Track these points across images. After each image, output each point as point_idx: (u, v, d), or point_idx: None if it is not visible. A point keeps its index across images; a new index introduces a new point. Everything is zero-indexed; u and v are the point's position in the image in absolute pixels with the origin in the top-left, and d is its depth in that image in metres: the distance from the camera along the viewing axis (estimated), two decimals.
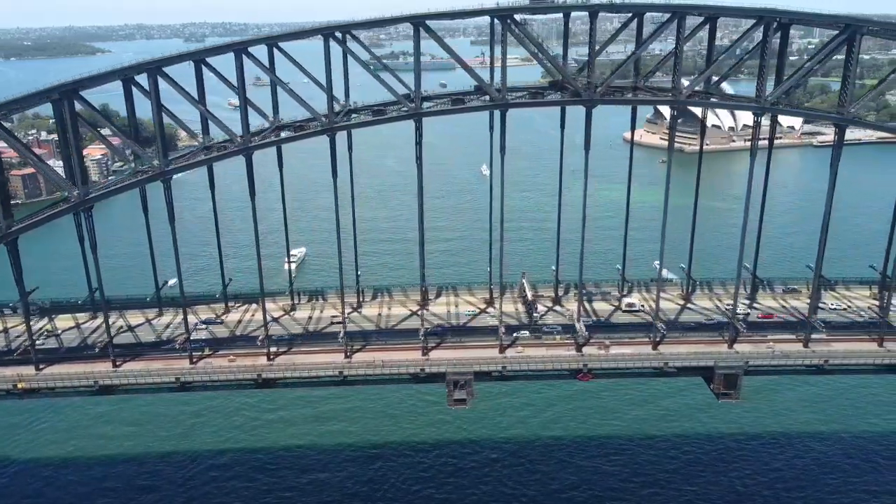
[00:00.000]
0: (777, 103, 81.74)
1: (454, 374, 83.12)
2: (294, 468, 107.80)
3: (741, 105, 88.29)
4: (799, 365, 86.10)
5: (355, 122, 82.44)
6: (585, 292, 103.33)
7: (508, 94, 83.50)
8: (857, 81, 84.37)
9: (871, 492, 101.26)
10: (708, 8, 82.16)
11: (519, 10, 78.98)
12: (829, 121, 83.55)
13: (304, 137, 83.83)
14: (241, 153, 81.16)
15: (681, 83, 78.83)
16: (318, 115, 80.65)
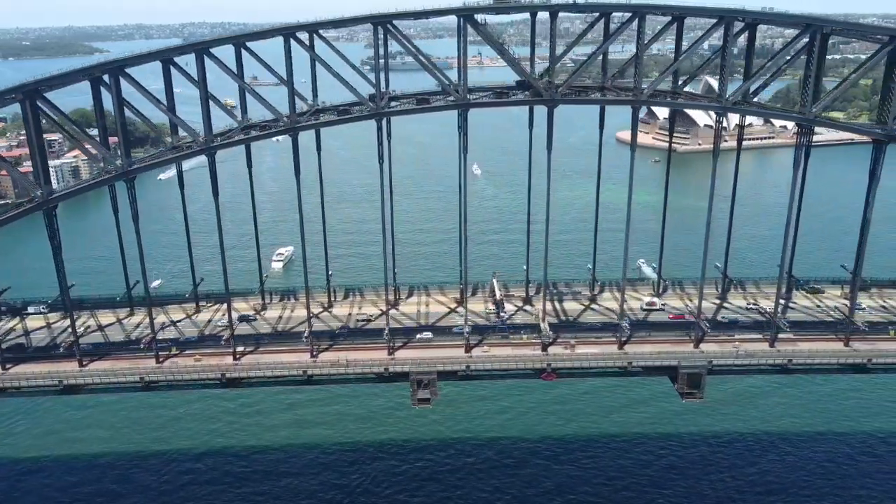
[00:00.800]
0: (740, 103, 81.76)
1: (418, 373, 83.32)
2: (270, 472, 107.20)
3: (701, 105, 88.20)
4: (763, 364, 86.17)
5: (318, 122, 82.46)
6: (556, 292, 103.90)
7: (472, 94, 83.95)
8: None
9: (853, 493, 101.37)
10: (671, 8, 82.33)
11: (480, 10, 79.09)
12: (791, 121, 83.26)
13: (268, 137, 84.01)
14: (203, 153, 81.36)
15: (641, 83, 78.97)
16: (280, 114, 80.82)
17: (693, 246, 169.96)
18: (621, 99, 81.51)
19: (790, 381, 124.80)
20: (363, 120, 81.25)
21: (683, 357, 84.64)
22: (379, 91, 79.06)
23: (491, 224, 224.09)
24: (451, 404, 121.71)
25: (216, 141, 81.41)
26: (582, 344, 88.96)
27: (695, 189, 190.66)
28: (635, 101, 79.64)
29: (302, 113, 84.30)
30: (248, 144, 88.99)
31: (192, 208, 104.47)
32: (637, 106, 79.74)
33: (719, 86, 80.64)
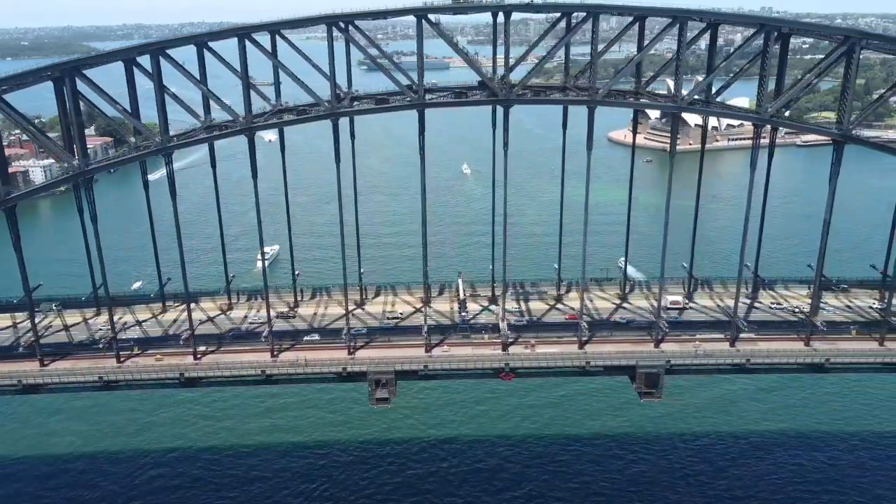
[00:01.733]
0: (696, 102, 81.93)
1: (376, 372, 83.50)
2: (241, 478, 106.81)
3: (657, 105, 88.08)
4: (722, 364, 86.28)
5: (277, 122, 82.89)
6: (522, 292, 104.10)
7: (432, 94, 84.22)
8: None
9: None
10: (629, 8, 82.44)
11: (436, 10, 79.32)
12: (749, 121, 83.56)
13: (307, 121, 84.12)
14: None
15: (595, 83, 79.16)
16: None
17: (676, 245, 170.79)
18: (577, 99, 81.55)
19: (768, 385, 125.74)
20: (320, 119, 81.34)
21: (641, 357, 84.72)
22: (334, 91, 79.21)
23: (478, 225, 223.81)
24: (428, 409, 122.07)
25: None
26: (543, 344, 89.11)
27: (683, 188, 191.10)
28: (590, 102, 79.70)
29: (261, 114, 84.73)
30: (212, 144, 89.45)
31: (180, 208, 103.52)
32: (592, 106, 79.71)
33: (675, 85, 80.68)
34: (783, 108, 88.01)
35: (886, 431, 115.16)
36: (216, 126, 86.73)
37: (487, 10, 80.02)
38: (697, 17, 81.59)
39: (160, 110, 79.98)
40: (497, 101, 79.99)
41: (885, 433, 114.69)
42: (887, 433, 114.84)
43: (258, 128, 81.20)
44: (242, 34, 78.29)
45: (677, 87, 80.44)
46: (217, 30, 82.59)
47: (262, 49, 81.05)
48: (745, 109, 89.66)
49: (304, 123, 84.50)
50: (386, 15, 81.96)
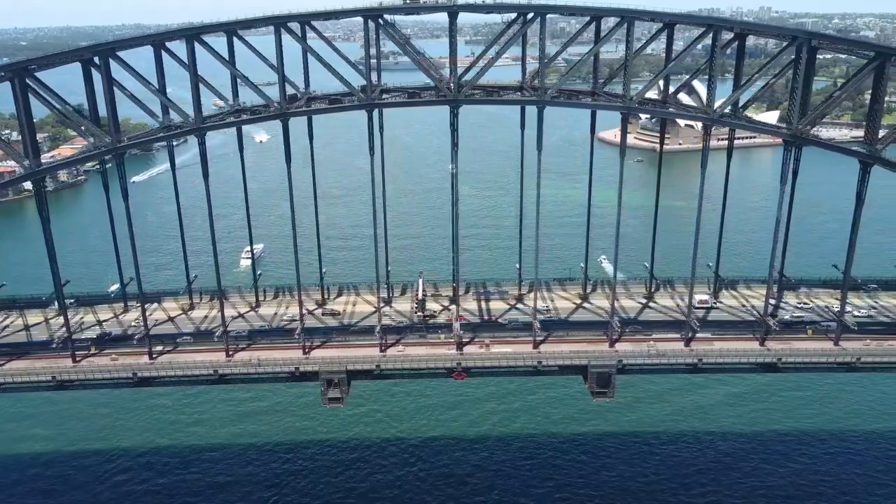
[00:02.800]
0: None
1: (327, 372, 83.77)
2: (207, 480, 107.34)
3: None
4: (675, 364, 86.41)
5: (224, 123, 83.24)
6: (483, 291, 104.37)
7: (384, 95, 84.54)
8: None
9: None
10: (580, 9, 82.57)
11: (389, 11, 79.49)
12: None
13: (258, 121, 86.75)
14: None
15: (543, 84, 79.41)
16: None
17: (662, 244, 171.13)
18: (529, 99, 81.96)
19: (748, 389, 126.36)
20: (269, 120, 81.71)
21: (593, 357, 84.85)
22: (283, 92, 79.49)
23: (465, 228, 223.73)
24: (400, 414, 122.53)
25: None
26: (498, 343, 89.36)
27: (671, 188, 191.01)
28: (540, 102, 80.00)
29: (215, 114, 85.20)
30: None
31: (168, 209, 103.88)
32: (542, 106, 79.98)
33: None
34: (738, 108, 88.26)
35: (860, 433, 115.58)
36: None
37: (440, 11, 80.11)
38: (649, 17, 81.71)
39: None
40: (446, 102, 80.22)
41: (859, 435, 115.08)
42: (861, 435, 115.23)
43: (208, 128, 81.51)
44: (191, 35, 78.38)
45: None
46: (167, 31, 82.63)
47: (211, 50, 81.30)
48: (695, 108, 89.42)
49: (257, 122, 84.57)
50: (338, 15, 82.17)
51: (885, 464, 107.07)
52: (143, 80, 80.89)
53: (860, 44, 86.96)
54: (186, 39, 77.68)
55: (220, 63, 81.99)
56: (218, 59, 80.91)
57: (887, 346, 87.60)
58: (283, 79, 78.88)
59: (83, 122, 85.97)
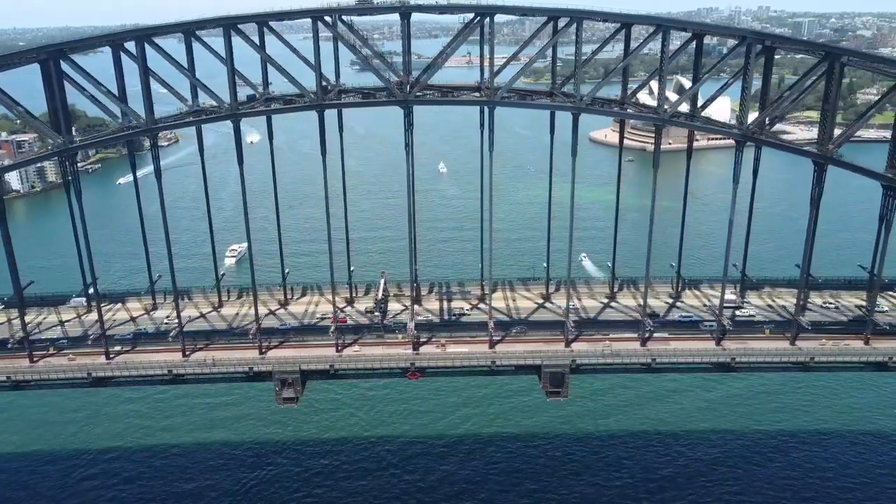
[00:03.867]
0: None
1: (281, 372, 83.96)
2: (172, 479, 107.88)
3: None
4: (629, 363, 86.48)
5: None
6: (446, 291, 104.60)
7: (343, 96, 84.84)
8: None
9: None
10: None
11: (335, 11, 79.65)
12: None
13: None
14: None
15: (493, 84, 79.67)
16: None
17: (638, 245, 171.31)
18: (475, 99, 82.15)
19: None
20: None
21: (547, 356, 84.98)
22: (233, 93, 79.73)
23: (446, 223, 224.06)
24: (370, 420, 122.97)
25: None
26: (454, 343, 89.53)
27: (658, 188, 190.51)
28: (488, 102, 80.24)
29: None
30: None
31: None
32: (491, 107, 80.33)
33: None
34: (696, 108, 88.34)
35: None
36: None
37: (391, 11, 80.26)
38: (601, 18, 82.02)
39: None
40: (396, 103, 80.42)
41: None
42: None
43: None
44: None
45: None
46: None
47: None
48: (647, 109, 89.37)
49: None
50: (291, 16, 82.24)
51: (855, 468, 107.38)
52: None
53: (812, 44, 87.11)
54: (136, 40, 77.78)
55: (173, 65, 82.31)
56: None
57: (843, 345, 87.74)
58: (231, 79, 79.24)
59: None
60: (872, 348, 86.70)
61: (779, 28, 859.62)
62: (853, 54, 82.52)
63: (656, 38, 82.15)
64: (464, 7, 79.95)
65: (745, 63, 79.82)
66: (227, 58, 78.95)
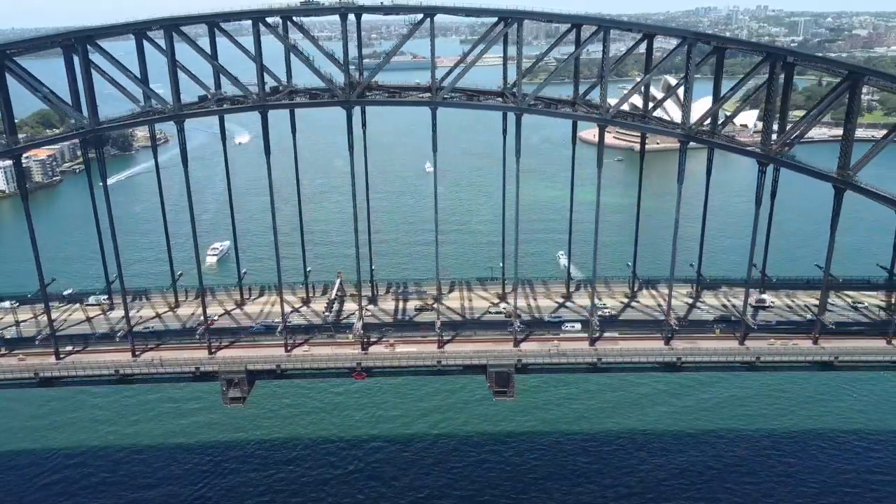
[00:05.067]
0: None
1: (227, 372, 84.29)
2: (135, 475, 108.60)
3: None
4: (575, 363, 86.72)
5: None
6: (402, 292, 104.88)
7: (287, 96, 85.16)
8: None
9: None
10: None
11: (276, 13, 79.99)
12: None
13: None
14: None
15: (437, 86, 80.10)
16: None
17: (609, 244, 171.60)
18: (417, 100, 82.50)
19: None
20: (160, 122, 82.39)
21: (492, 356, 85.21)
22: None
23: (429, 223, 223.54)
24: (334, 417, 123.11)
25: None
26: (404, 343, 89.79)
27: (645, 188, 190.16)
28: (430, 103, 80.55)
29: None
30: None
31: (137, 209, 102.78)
32: (434, 108, 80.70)
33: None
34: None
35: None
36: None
37: (332, 13, 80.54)
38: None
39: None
40: (338, 103, 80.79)
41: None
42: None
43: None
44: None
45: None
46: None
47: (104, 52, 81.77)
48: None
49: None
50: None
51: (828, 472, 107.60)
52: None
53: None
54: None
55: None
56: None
57: (791, 345, 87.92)
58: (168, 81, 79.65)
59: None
60: (820, 348, 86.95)
61: (775, 27, 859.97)
62: (795, 55, 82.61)
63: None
64: (409, 7, 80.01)
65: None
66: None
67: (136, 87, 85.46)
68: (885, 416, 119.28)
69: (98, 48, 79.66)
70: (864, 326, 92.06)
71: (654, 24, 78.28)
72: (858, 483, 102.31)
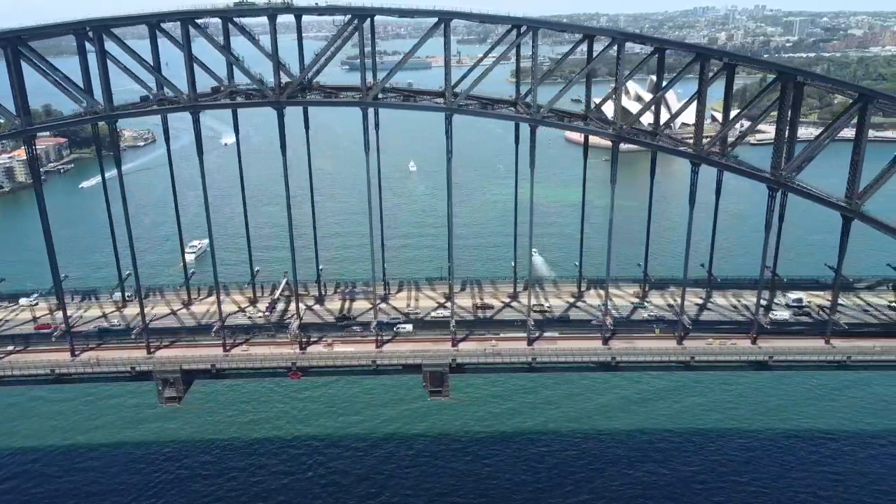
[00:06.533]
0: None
1: (161, 372, 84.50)
2: (88, 479, 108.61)
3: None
4: (511, 363, 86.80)
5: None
6: (348, 292, 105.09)
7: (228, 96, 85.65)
8: None
9: None
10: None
11: (206, 14, 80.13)
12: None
13: None
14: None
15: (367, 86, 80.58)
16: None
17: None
18: (347, 100, 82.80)
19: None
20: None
21: (427, 356, 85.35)
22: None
23: (409, 223, 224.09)
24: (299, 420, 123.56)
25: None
26: (342, 343, 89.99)
27: (628, 187, 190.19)
28: (363, 103, 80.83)
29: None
30: None
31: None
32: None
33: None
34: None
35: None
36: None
37: (261, 14, 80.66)
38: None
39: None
40: (268, 104, 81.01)
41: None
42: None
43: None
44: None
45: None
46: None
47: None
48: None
49: None
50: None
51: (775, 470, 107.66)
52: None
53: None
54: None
55: None
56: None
57: (729, 344, 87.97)
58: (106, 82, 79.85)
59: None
60: (757, 348, 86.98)
61: (771, 27, 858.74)
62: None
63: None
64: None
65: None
66: (97, 67, 79.24)
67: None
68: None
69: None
70: (804, 326, 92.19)
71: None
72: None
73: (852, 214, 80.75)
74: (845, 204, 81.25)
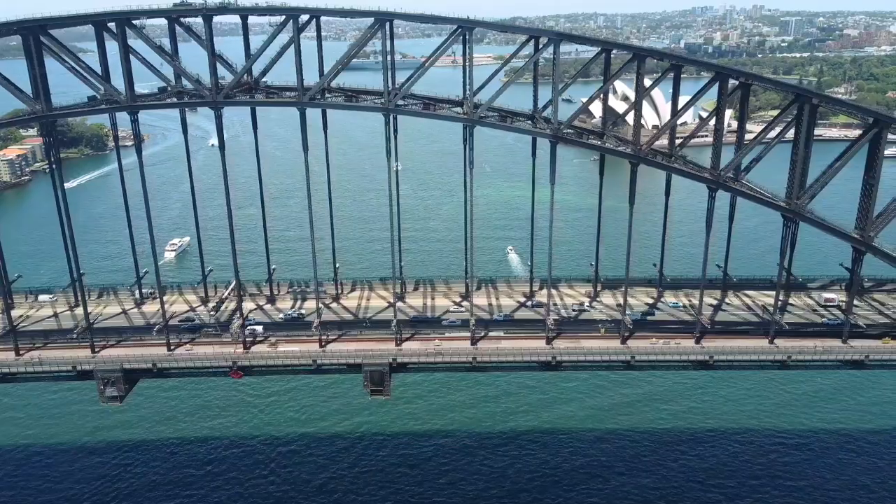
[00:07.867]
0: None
1: (103, 371, 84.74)
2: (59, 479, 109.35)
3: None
4: (452, 362, 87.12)
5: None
6: (299, 291, 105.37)
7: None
8: None
9: None
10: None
11: (147, 14, 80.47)
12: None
13: None
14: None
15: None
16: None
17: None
18: (283, 101, 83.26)
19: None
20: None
21: (368, 355, 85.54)
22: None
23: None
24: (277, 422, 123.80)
25: None
26: (286, 342, 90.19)
27: (614, 188, 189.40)
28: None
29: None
30: None
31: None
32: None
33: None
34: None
35: None
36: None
37: (194, 15, 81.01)
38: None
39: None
40: (205, 104, 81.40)
41: None
42: None
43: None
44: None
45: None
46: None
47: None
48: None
49: None
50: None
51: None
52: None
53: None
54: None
55: None
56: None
57: (673, 344, 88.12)
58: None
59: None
60: (700, 347, 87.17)
61: (768, 27, 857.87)
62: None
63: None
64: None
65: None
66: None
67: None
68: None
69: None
70: (751, 326, 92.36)
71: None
72: None
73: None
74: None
